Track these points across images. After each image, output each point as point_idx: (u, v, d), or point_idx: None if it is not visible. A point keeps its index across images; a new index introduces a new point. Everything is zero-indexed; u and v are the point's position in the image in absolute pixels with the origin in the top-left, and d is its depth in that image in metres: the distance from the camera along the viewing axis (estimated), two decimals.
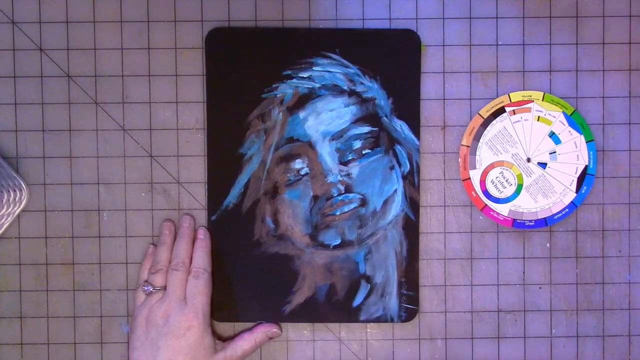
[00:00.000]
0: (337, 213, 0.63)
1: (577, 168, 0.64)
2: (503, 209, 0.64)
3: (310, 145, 0.63)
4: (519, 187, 0.64)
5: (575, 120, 0.64)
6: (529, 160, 0.64)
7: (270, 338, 0.64)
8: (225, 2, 0.64)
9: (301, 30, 0.64)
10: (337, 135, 0.63)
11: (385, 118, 0.63)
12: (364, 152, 0.63)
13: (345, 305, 0.64)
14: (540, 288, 0.65)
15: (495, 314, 0.65)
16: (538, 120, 0.64)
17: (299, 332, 0.65)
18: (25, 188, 0.63)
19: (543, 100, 0.64)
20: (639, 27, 0.64)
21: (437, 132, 0.65)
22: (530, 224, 0.64)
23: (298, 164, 0.63)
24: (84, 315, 0.65)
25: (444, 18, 0.64)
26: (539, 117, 0.64)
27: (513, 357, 0.65)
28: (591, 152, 0.64)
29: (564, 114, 0.64)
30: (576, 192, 0.64)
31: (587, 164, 0.64)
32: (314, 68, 0.63)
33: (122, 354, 0.65)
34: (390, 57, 0.63)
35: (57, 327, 0.65)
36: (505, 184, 0.64)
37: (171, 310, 0.59)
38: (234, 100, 0.63)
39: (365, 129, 0.63)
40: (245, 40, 0.63)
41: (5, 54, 0.64)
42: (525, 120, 0.64)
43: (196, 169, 0.64)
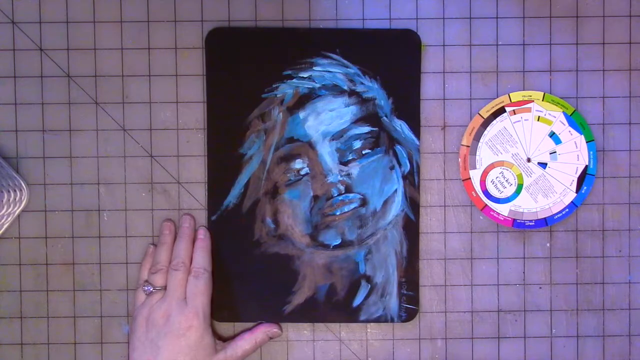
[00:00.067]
0: (337, 213, 0.63)
1: (577, 168, 0.64)
2: (503, 209, 0.64)
3: (310, 145, 0.63)
4: (519, 187, 0.64)
5: (576, 120, 0.64)
6: (529, 160, 0.64)
7: (271, 338, 0.64)
8: (225, 2, 0.64)
9: (301, 30, 0.64)
10: (337, 135, 0.63)
11: (385, 118, 0.63)
12: (364, 152, 0.63)
13: (345, 305, 0.64)
14: (540, 288, 0.65)
15: (495, 314, 0.65)
16: (538, 120, 0.64)
17: (299, 332, 0.65)
18: (25, 188, 0.63)
19: (543, 100, 0.64)
20: (639, 27, 0.64)
21: (437, 132, 0.65)
22: (531, 224, 0.64)
23: (298, 164, 0.63)
24: (84, 315, 0.65)
25: (444, 18, 0.64)
26: (539, 117, 0.64)
27: (513, 357, 0.65)
28: (591, 152, 0.64)
29: (564, 114, 0.64)
30: (576, 192, 0.64)
31: (587, 164, 0.64)
32: (314, 68, 0.63)
33: (122, 354, 0.65)
34: (390, 57, 0.63)
35: (57, 327, 0.65)
36: (505, 184, 0.64)
37: (171, 310, 0.59)
38: (234, 100, 0.63)
39: (365, 129, 0.63)
40: (245, 40, 0.63)
41: (5, 54, 0.64)
42: (526, 120, 0.64)
43: (196, 169, 0.64)
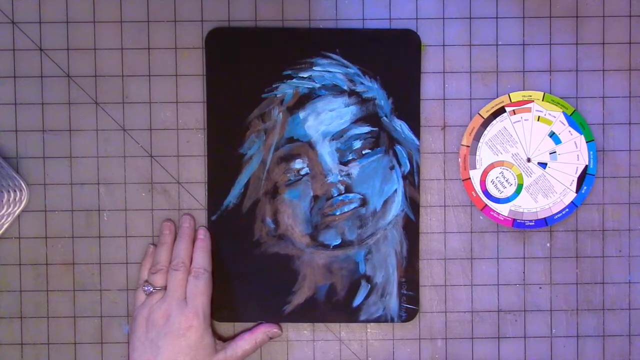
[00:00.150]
0: (337, 213, 0.63)
1: (577, 168, 0.64)
2: (503, 209, 0.64)
3: (310, 145, 0.63)
4: (519, 187, 0.64)
5: (575, 120, 0.64)
6: (529, 160, 0.64)
7: (271, 338, 0.64)
8: (225, 2, 0.64)
9: (301, 30, 0.64)
10: (337, 135, 0.63)
11: (385, 118, 0.63)
12: (364, 152, 0.63)
13: (345, 305, 0.64)
14: (540, 288, 0.65)
15: (495, 314, 0.65)
16: (538, 120, 0.64)
17: (299, 332, 0.65)
18: (25, 188, 0.63)
19: (543, 100, 0.64)
20: (639, 27, 0.64)
21: (437, 132, 0.65)
22: (531, 224, 0.64)
23: (298, 164, 0.63)
24: (84, 315, 0.65)
25: (444, 18, 0.64)
26: (539, 117, 0.64)
27: (513, 357, 0.65)
28: (591, 152, 0.64)
29: (564, 114, 0.64)
30: (576, 192, 0.64)
31: (587, 164, 0.64)
32: (314, 68, 0.63)
33: (122, 354, 0.65)
34: (390, 57, 0.63)
35: (57, 327, 0.65)
36: (505, 184, 0.64)
37: (171, 310, 0.59)
38: (234, 100, 0.63)
39: (365, 129, 0.63)
40: (245, 40, 0.63)
41: (5, 54, 0.64)
42: (526, 120, 0.64)
43: (196, 169, 0.64)
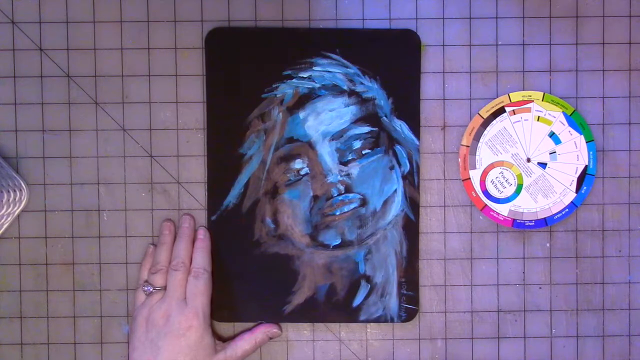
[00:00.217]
0: (337, 213, 0.63)
1: (577, 168, 0.64)
2: (503, 209, 0.64)
3: (310, 145, 0.63)
4: (519, 187, 0.64)
5: (575, 120, 0.64)
6: (529, 160, 0.64)
7: (271, 338, 0.64)
8: (225, 2, 0.64)
9: (301, 30, 0.64)
10: (337, 135, 0.63)
11: (385, 118, 0.63)
12: (364, 152, 0.63)
13: (345, 305, 0.64)
14: (540, 288, 0.65)
15: (495, 314, 0.65)
16: (538, 120, 0.64)
17: (299, 332, 0.65)
18: (25, 188, 0.63)
19: (543, 100, 0.64)
20: (639, 27, 0.64)
21: (437, 132, 0.65)
22: (530, 224, 0.64)
23: (298, 164, 0.63)
24: (84, 315, 0.65)
25: (444, 18, 0.64)
26: (539, 117, 0.64)
27: (513, 357, 0.65)
28: (591, 152, 0.64)
29: (564, 114, 0.64)
30: (576, 192, 0.64)
31: (587, 164, 0.64)
32: (314, 68, 0.63)
33: (122, 354, 0.65)
34: (390, 57, 0.63)
35: (57, 327, 0.65)
36: (505, 184, 0.64)
37: (171, 310, 0.59)
38: (234, 100, 0.63)
39: (365, 129, 0.63)
40: (245, 40, 0.63)
41: (5, 54, 0.64)
42: (525, 120, 0.64)
43: (196, 169, 0.64)
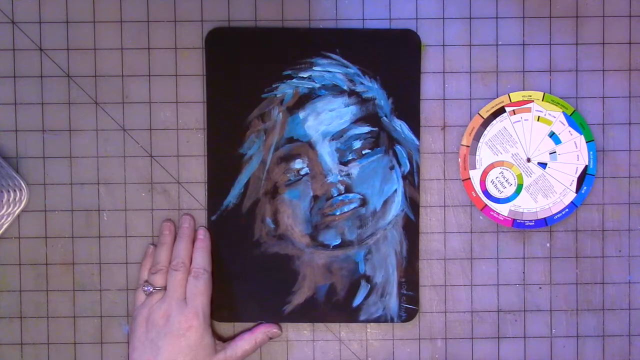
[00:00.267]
0: (337, 213, 0.63)
1: (577, 168, 0.64)
2: (503, 209, 0.64)
3: (310, 145, 0.63)
4: (519, 187, 0.64)
5: (575, 120, 0.64)
6: (529, 160, 0.64)
7: (271, 338, 0.64)
8: (225, 2, 0.64)
9: (301, 30, 0.64)
10: (337, 135, 0.63)
11: (385, 118, 0.63)
12: (364, 152, 0.63)
13: (345, 305, 0.64)
14: (540, 288, 0.65)
15: (495, 314, 0.65)
16: (538, 120, 0.64)
17: (299, 332, 0.65)
18: (25, 188, 0.63)
19: (543, 100, 0.64)
20: (639, 27, 0.64)
21: (437, 132, 0.65)
22: (530, 224, 0.64)
23: (298, 164, 0.63)
24: (84, 315, 0.65)
25: (444, 18, 0.64)
26: (539, 117, 0.64)
27: (513, 357, 0.65)
28: (591, 152, 0.64)
29: (564, 114, 0.64)
30: (576, 192, 0.64)
31: (587, 164, 0.64)
32: (314, 68, 0.63)
33: (122, 354, 0.65)
34: (390, 57, 0.63)
35: (57, 327, 0.65)
36: (505, 184, 0.64)
37: (171, 310, 0.59)
38: (234, 100, 0.63)
39: (365, 129, 0.63)
40: (245, 40, 0.63)
41: (5, 54, 0.64)
42: (525, 120, 0.64)
43: (196, 169, 0.64)
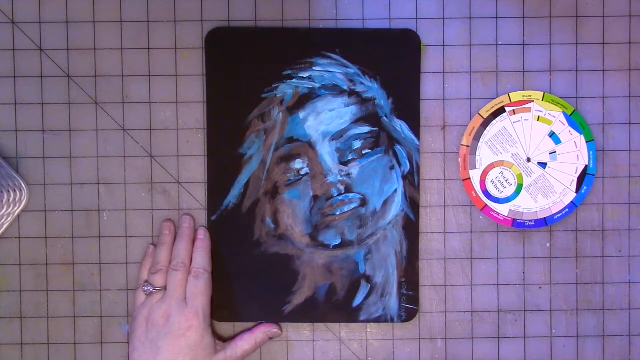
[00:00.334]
0: (337, 213, 0.63)
1: (577, 168, 0.64)
2: (503, 209, 0.64)
3: (310, 145, 0.63)
4: (519, 187, 0.64)
5: (575, 120, 0.64)
6: (529, 160, 0.64)
7: (271, 338, 0.64)
8: (225, 2, 0.64)
9: (301, 30, 0.64)
10: (337, 135, 0.63)
11: (385, 118, 0.63)
12: (364, 152, 0.63)
13: (345, 305, 0.64)
14: (540, 288, 0.65)
15: (495, 314, 0.65)
16: (538, 120, 0.64)
17: (299, 332, 0.65)
18: (25, 188, 0.63)
19: (543, 100, 0.64)
20: (639, 27, 0.64)
21: (437, 132, 0.65)
22: (530, 224, 0.64)
23: (298, 164, 0.63)
24: (84, 315, 0.65)
25: (444, 18, 0.64)
26: (539, 117, 0.64)
27: (513, 357, 0.65)
28: (591, 152, 0.64)
29: (564, 114, 0.64)
30: (576, 192, 0.64)
31: (587, 164, 0.64)
32: (314, 68, 0.63)
33: (122, 354, 0.65)
34: (390, 57, 0.63)
35: (57, 327, 0.65)
36: (505, 184, 0.64)
37: (171, 310, 0.59)
38: (234, 100, 0.63)
39: (365, 129, 0.63)
40: (245, 40, 0.63)
41: (5, 54, 0.64)
42: (525, 120, 0.64)
43: (196, 169, 0.64)
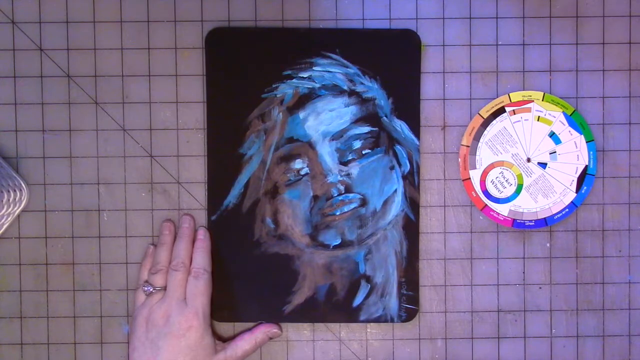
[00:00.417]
0: (337, 213, 0.63)
1: (577, 168, 0.64)
2: (503, 209, 0.64)
3: (310, 145, 0.63)
4: (519, 187, 0.64)
5: (575, 120, 0.64)
6: (529, 160, 0.64)
7: (271, 338, 0.64)
8: (225, 2, 0.64)
9: (301, 30, 0.64)
10: (337, 135, 0.63)
11: (385, 118, 0.63)
12: (364, 152, 0.63)
13: (345, 305, 0.64)
14: (540, 288, 0.65)
15: (495, 314, 0.65)
16: (538, 120, 0.64)
17: (299, 332, 0.65)
18: (25, 188, 0.63)
19: (543, 100, 0.64)
20: (639, 27, 0.64)
21: (437, 132, 0.65)
22: (530, 224, 0.64)
23: (298, 164, 0.63)
24: (84, 315, 0.65)
25: (444, 18, 0.64)
26: (539, 117, 0.64)
27: (513, 357, 0.65)
28: (591, 152, 0.64)
29: (564, 114, 0.64)
30: (576, 192, 0.64)
31: (587, 164, 0.64)
32: (314, 68, 0.63)
33: (122, 354, 0.65)
34: (390, 57, 0.63)
35: (57, 327, 0.65)
36: (505, 184, 0.64)
37: (171, 310, 0.59)
38: (234, 100, 0.63)
39: (365, 129, 0.63)
40: (245, 40, 0.63)
41: (5, 54, 0.64)
42: (525, 120, 0.64)
43: (196, 169, 0.64)
